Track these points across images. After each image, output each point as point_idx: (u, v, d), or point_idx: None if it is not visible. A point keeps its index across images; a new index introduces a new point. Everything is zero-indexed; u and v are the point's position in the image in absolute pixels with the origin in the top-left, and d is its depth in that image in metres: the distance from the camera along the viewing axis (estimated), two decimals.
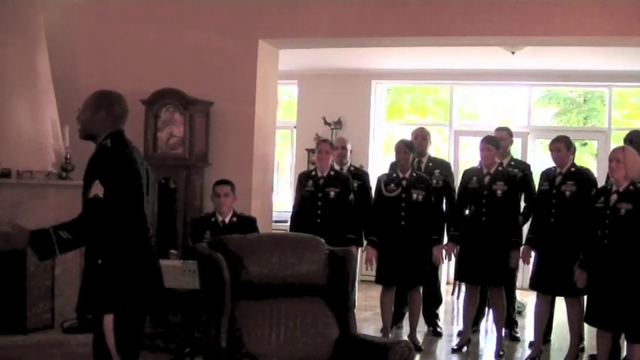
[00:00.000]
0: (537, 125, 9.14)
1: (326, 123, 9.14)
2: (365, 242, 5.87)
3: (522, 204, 5.82)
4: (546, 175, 5.41)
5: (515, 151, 8.92)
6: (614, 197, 4.55)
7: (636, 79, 8.46)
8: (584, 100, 9.55)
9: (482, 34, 5.59)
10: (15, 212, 5.59)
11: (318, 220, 5.68)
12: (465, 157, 9.07)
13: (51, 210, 5.76)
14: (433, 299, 6.35)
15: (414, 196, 5.60)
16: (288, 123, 9.60)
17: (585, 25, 5.28)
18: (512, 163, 6.04)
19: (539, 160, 8.38)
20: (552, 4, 5.33)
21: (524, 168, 6.07)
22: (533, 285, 5.43)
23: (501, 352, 5.58)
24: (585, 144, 9.34)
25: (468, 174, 5.71)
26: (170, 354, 5.08)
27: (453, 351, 5.75)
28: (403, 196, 5.60)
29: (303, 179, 5.95)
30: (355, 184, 5.99)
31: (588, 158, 9.09)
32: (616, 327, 4.60)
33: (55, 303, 5.77)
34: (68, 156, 5.84)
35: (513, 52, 6.82)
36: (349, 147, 6.44)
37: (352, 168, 6.38)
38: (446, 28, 5.55)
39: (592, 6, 5.22)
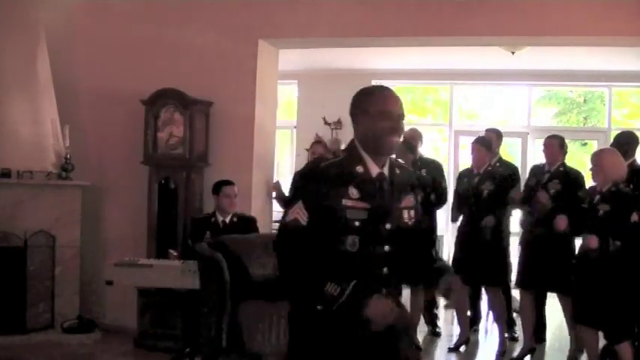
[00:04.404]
0: (537, 125, 9.15)
1: (326, 123, 9.14)
2: None
3: None
4: (534, 170, 5.50)
5: (515, 151, 8.98)
6: (597, 198, 4.62)
7: (636, 79, 8.46)
8: (584, 100, 9.56)
9: (482, 34, 5.59)
10: (15, 212, 5.60)
11: None
12: (465, 157, 9.07)
13: (51, 210, 5.77)
14: (433, 300, 6.34)
15: None
16: (288, 123, 9.60)
17: (585, 25, 5.27)
18: (498, 164, 5.99)
19: (540, 160, 8.37)
20: (552, 5, 5.32)
21: (512, 170, 6.02)
22: (519, 282, 5.47)
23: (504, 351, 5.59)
24: (585, 144, 9.35)
25: (461, 176, 5.84)
26: (170, 354, 5.08)
27: (450, 350, 5.75)
28: None
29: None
30: None
31: (588, 158, 9.08)
32: (600, 326, 4.63)
33: (55, 303, 5.77)
34: (68, 156, 5.84)
35: (513, 52, 6.82)
36: (342, 149, 6.48)
37: None
38: (446, 28, 5.55)
39: (592, 6, 5.22)
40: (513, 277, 5.67)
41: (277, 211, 6.86)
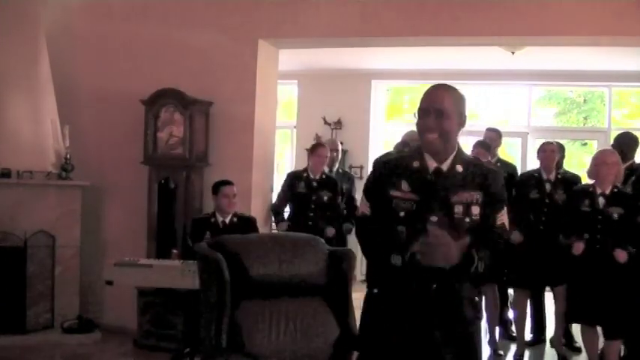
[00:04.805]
0: (537, 125, 9.15)
1: (326, 123, 9.15)
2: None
3: None
4: (531, 179, 5.42)
5: (515, 151, 8.98)
6: (601, 201, 4.56)
7: (636, 79, 8.46)
8: (584, 100, 9.56)
9: (482, 34, 5.58)
10: (15, 212, 5.61)
11: (310, 223, 5.76)
12: None
13: (51, 210, 5.77)
14: None
15: None
16: (288, 123, 9.61)
17: (585, 25, 5.27)
18: (498, 164, 6.02)
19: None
20: (552, 4, 5.32)
21: (510, 170, 6.05)
22: (513, 281, 5.46)
23: (500, 352, 5.59)
24: (585, 144, 9.35)
25: None
26: (170, 354, 5.08)
27: None
28: None
29: (294, 180, 6.07)
30: (344, 187, 6.14)
31: (588, 158, 9.08)
32: (600, 322, 4.63)
33: (55, 303, 5.78)
34: (68, 156, 5.85)
35: (513, 52, 6.82)
36: (340, 149, 6.73)
37: (340, 170, 6.60)
38: (446, 28, 5.55)
39: (592, 6, 5.22)
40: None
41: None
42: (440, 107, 2.49)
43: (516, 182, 5.61)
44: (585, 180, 5.39)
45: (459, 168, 2.53)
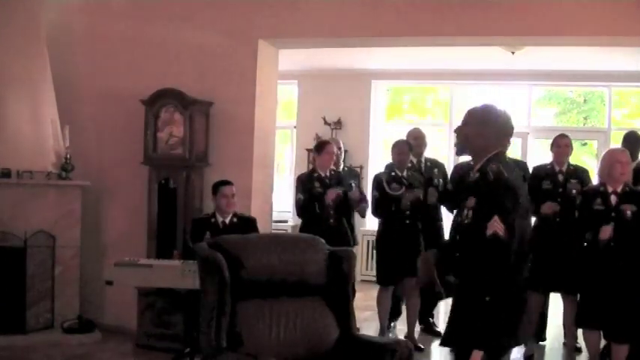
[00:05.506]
0: (537, 125, 9.15)
1: (326, 123, 9.15)
2: None
3: None
4: (542, 172, 5.41)
5: (515, 151, 8.97)
6: (613, 199, 4.54)
7: (636, 79, 8.46)
8: (584, 100, 9.56)
9: (482, 34, 5.58)
10: (15, 212, 5.61)
11: (331, 221, 5.72)
12: (465, 157, 9.05)
13: (51, 210, 5.77)
14: (429, 298, 6.32)
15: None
16: (288, 123, 9.61)
17: (585, 25, 5.27)
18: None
19: (539, 161, 8.36)
20: (552, 4, 5.32)
21: (522, 166, 6.06)
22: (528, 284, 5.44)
23: None
24: (585, 144, 9.36)
25: (462, 168, 5.78)
26: (170, 354, 5.08)
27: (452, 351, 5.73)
28: (407, 194, 5.66)
29: (307, 182, 5.90)
30: (352, 183, 6.12)
31: (588, 158, 9.10)
32: (607, 327, 4.59)
33: (55, 303, 5.78)
34: (68, 156, 5.85)
35: (513, 52, 6.82)
36: (342, 148, 6.73)
37: (346, 168, 6.64)
38: (445, 28, 5.54)
39: (592, 6, 5.22)
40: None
41: (277, 211, 6.88)
42: (465, 117, 3.18)
43: (530, 176, 5.60)
44: (592, 172, 5.38)
45: (476, 174, 2.95)
